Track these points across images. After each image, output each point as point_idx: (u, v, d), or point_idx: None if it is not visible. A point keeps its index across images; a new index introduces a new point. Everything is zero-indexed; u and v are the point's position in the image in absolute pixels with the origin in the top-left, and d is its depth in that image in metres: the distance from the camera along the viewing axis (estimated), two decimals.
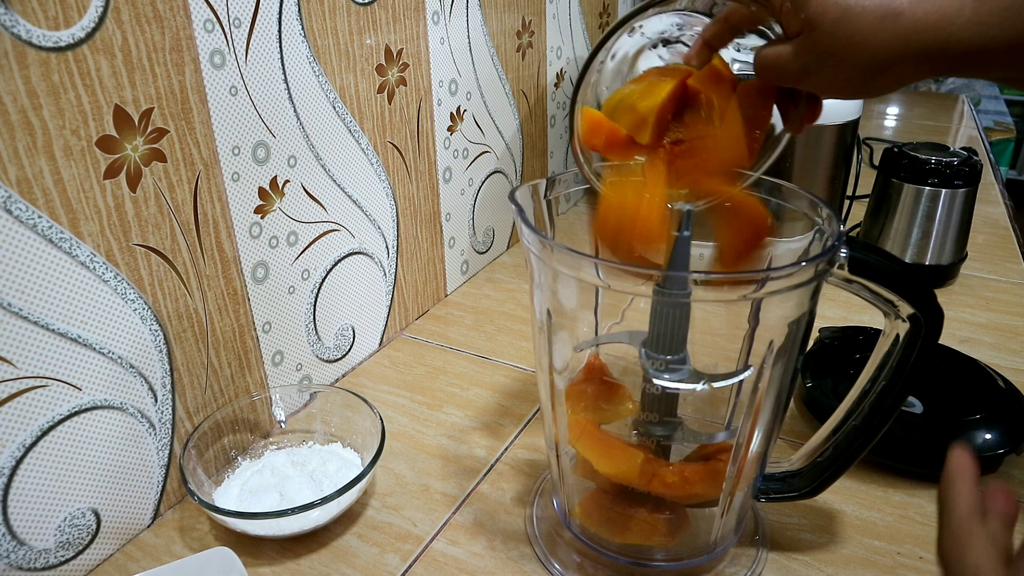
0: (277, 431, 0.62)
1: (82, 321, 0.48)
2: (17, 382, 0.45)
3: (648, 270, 0.43)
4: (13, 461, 0.45)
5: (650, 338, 0.43)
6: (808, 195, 0.46)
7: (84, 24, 0.44)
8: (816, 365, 0.66)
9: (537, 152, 1.05)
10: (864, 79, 0.37)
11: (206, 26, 0.52)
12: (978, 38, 0.33)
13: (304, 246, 0.65)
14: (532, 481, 0.59)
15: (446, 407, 0.68)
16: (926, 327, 0.42)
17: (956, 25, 0.34)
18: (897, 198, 0.86)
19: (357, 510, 0.56)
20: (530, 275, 0.46)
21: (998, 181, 1.23)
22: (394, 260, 0.78)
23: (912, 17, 0.34)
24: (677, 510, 0.47)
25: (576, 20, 1.10)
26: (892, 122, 1.62)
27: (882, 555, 0.51)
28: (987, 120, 2.89)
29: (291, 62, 0.60)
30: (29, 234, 0.44)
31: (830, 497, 0.55)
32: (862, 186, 0.97)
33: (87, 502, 0.50)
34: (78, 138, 0.45)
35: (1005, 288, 0.87)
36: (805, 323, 0.43)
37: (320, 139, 0.65)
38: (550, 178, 0.49)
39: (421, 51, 0.75)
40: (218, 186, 0.56)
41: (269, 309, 0.63)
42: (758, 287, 0.38)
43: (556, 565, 0.50)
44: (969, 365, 0.65)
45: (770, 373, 0.43)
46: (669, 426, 0.45)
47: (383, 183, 0.74)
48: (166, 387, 0.54)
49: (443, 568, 0.51)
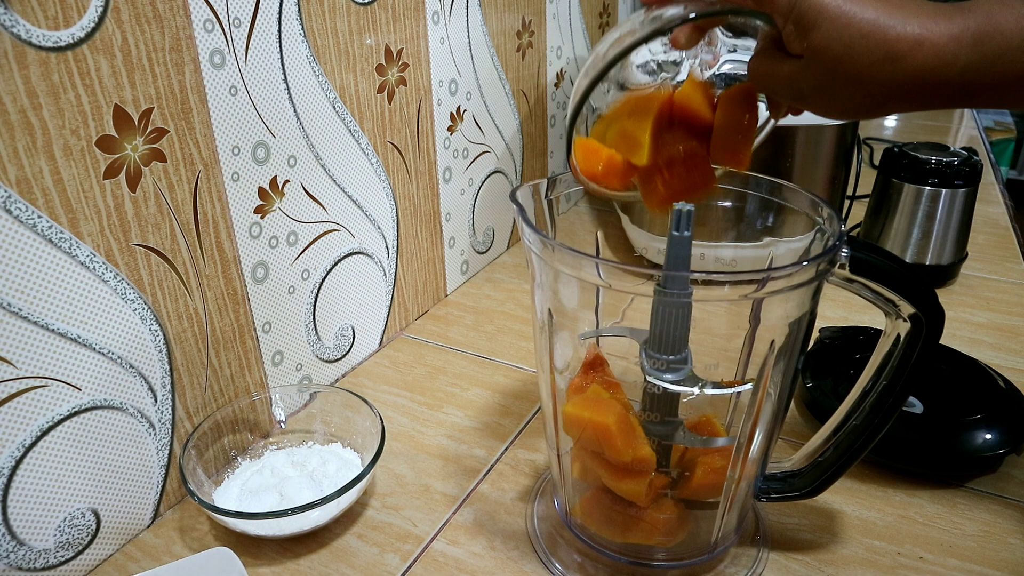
0: (277, 431, 0.62)
1: (82, 321, 0.48)
2: (17, 382, 0.44)
3: (648, 270, 0.43)
4: (13, 461, 0.45)
5: (651, 338, 0.43)
6: (809, 195, 0.46)
7: (84, 24, 0.44)
8: (816, 365, 0.66)
9: (537, 152, 1.05)
10: (858, 111, 0.38)
11: (206, 26, 0.52)
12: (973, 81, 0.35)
13: (304, 246, 0.65)
14: (532, 481, 0.58)
15: (446, 407, 0.68)
16: (927, 327, 0.42)
17: (953, 71, 0.35)
18: (897, 198, 0.86)
19: (357, 510, 0.56)
20: (531, 275, 0.46)
21: (998, 181, 1.23)
22: (394, 260, 0.78)
23: (912, 62, 0.35)
24: (677, 510, 0.47)
25: (576, 20, 1.10)
26: (892, 122, 1.62)
27: (882, 555, 0.51)
28: (987, 120, 2.89)
29: (291, 62, 0.60)
30: (29, 234, 0.44)
31: (830, 497, 0.55)
32: (862, 186, 0.97)
33: (87, 502, 0.50)
34: (78, 138, 0.45)
35: (1005, 288, 0.87)
36: (806, 323, 0.43)
37: (320, 139, 0.65)
38: (551, 178, 0.49)
39: (421, 51, 0.75)
40: (218, 186, 0.56)
41: (269, 309, 0.63)
42: (759, 287, 0.38)
43: (557, 565, 0.50)
44: (969, 365, 0.65)
45: (771, 373, 0.43)
46: (669, 426, 0.45)
47: (383, 183, 0.74)
48: (166, 387, 0.54)
49: (443, 568, 0.51)
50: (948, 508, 0.55)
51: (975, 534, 0.52)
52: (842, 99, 0.38)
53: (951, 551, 0.51)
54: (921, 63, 0.35)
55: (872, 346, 0.46)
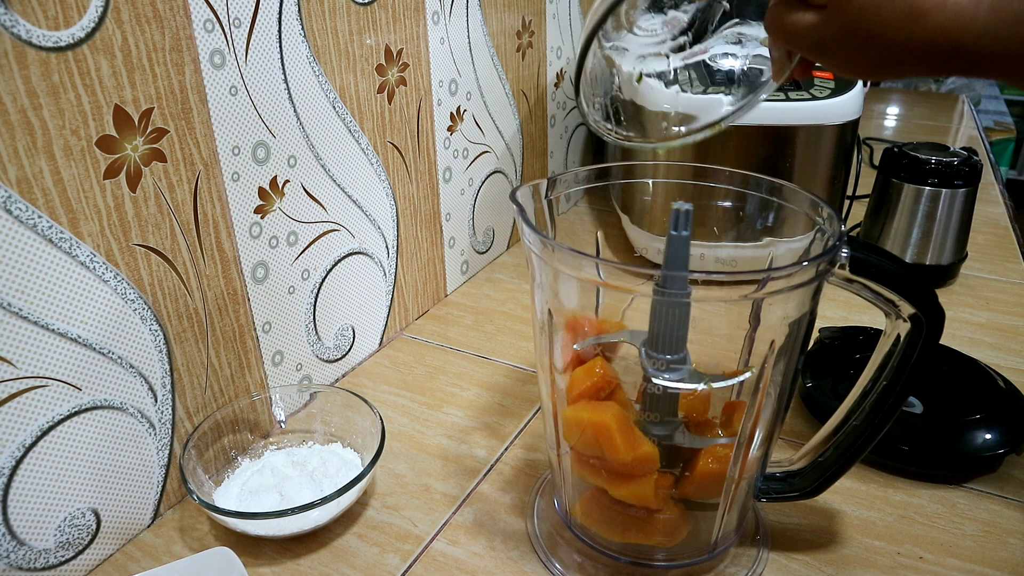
0: (277, 431, 0.62)
1: (82, 321, 0.48)
2: (17, 382, 0.45)
3: (648, 270, 0.43)
4: (13, 461, 0.45)
5: (650, 338, 0.43)
6: (809, 195, 0.46)
7: (84, 24, 0.44)
8: (816, 365, 0.66)
9: (537, 152, 1.05)
10: (875, 68, 0.38)
11: (206, 26, 0.52)
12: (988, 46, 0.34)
13: (304, 246, 0.65)
14: (532, 481, 0.59)
15: (446, 407, 0.68)
16: (927, 327, 0.42)
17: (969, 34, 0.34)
18: (897, 198, 0.86)
19: (357, 510, 0.56)
20: (531, 275, 0.46)
21: (998, 181, 1.23)
22: (394, 260, 0.78)
23: (933, 21, 0.35)
24: (678, 510, 0.47)
25: (576, 20, 1.10)
26: (892, 122, 1.62)
27: (882, 555, 0.51)
28: (987, 120, 2.90)
29: (291, 62, 0.60)
30: (29, 234, 0.44)
31: (830, 497, 0.55)
32: (862, 186, 0.97)
33: (87, 502, 0.50)
34: (78, 138, 0.45)
35: (1005, 288, 0.87)
36: (806, 323, 0.43)
37: (320, 139, 0.65)
38: (551, 178, 0.49)
39: (421, 51, 0.75)
40: (218, 186, 0.56)
41: (269, 309, 0.63)
42: (759, 287, 0.38)
43: (557, 565, 0.50)
44: (969, 365, 0.65)
45: (771, 373, 0.43)
46: (669, 426, 0.45)
47: (383, 183, 0.74)
48: (166, 387, 0.54)
49: (443, 568, 0.51)
50: (948, 508, 0.55)
51: (975, 534, 0.52)
52: (859, 55, 0.37)
53: (951, 551, 0.51)
54: (942, 23, 0.35)
55: (872, 346, 0.46)
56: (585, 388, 0.46)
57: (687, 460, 0.46)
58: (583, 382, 0.46)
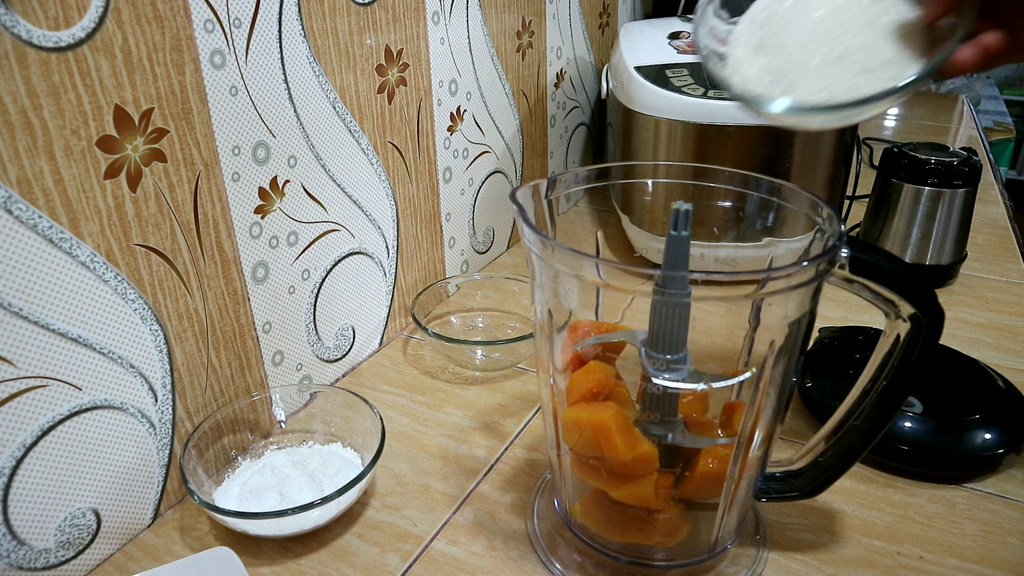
0: (277, 431, 0.62)
1: (82, 321, 0.48)
2: (17, 382, 0.45)
3: (648, 270, 0.43)
4: (13, 461, 0.45)
5: (650, 338, 0.43)
6: (809, 195, 0.46)
7: (84, 24, 0.44)
8: (816, 365, 0.66)
9: (537, 152, 1.05)
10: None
11: (206, 26, 0.52)
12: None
13: (304, 246, 0.65)
14: (532, 481, 0.59)
15: (446, 407, 0.68)
16: (927, 327, 0.42)
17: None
18: (897, 198, 0.86)
19: (357, 510, 0.56)
20: (531, 275, 0.46)
21: (998, 181, 1.23)
22: (394, 260, 0.78)
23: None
24: (678, 510, 0.47)
25: (576, 20, 1.10)
26: (892, 122, 1.62)
27: (882, 555, 0.51)
28: (987, 120, 2.90)
29: (291, 62, 0.60)
30: (29, 234, 0.44)
31: (830, 497, 0.55)
32: (862, 186, 0.97)
33: (87, 502, 0.50)
34: (78, 138, 0.45)
35: (1005, 288, 0.87)
36: (806, 323, 0.43)
37: (320, 139, 0.65)
38: (551, 178, 0.49)
39: (421, 51, 0.75)
40: (218, 186, 0.56)
41: (269, 309, 0.63)
42: (759, 287, 0.38)
43: (557, 565, 0.50)
44: (969, 365, 0.65)
45: (771, 373, 0.43)
46: (669, 426, 0.45)
47: (383, 183, 0.74)
48: (166, 387, 0.54)
49: (443, 568, 0.51)
50: (948, 508, 0.55)
51: (975, 534, 0.52)
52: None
53: (951, 551, 0.51)
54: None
55: (872, 346, 0.46)
56: (585, 389, 0.46)
57: (687, 460, 0.46)
58: (583, 382, 0.46)
